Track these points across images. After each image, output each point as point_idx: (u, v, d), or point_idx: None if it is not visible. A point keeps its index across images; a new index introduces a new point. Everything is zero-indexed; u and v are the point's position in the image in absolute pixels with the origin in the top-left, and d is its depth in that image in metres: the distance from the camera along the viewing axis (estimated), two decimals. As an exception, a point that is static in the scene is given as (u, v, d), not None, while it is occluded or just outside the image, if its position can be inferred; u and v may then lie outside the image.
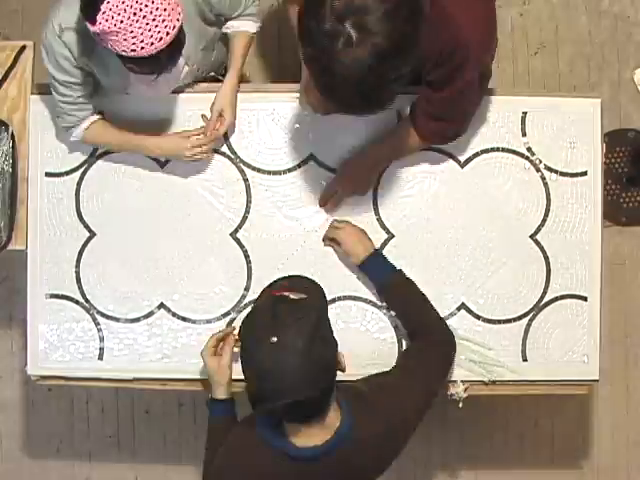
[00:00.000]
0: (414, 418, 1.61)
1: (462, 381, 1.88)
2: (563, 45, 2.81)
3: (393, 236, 1.91)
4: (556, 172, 1.91)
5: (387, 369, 1.72)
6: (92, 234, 1.93)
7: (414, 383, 1.62)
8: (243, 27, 1.84)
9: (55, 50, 1.63)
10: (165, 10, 1.42)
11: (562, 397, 2.05)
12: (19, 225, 1.95)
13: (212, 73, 1.95)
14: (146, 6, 1.41)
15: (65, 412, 2.79)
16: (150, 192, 1.92)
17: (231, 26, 1.84)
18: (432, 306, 1.79)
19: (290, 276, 1.67)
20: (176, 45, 1.49)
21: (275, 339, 1.33)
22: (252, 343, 1.37)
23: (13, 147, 1.94)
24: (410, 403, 1.60)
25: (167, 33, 1.44)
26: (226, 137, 1.91)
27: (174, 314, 1.92)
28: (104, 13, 1.40)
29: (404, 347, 1.89)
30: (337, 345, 1.44)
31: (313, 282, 1.58)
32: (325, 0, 1.27)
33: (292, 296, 1.44)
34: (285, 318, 1.36)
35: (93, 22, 1.42)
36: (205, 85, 1.91)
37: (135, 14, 1.40)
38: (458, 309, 1.90)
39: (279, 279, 1.63)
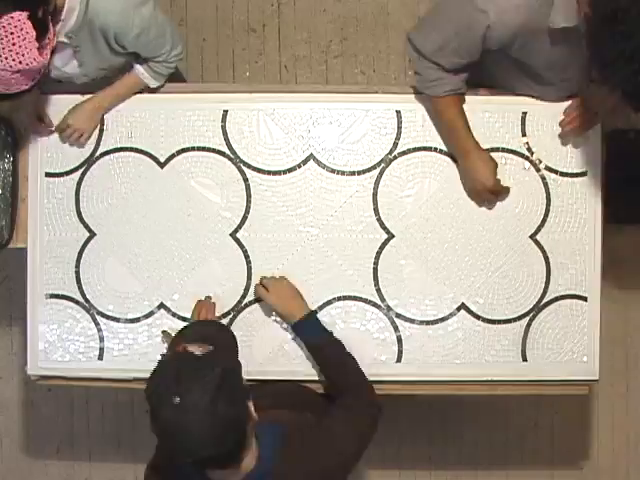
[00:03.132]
0: (349, 465, 1.58)
1: (461, 381, 1.89)
2: (563, 45, 2.81)
3: (393, 236, 1.91)
4: (556, 172, 1.91)
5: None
6: (92, 234, 1.93)
7: (347, 433, 1.58)
8: (142, 75, 1.84)
9: None
10: (12, 79, 1.46)
11: (562, 397, 2.05)
12: (20, 223, 1.95)
13: None
14: None
15: (65, 412, 2.79)
16: (150, 192, 1.92)
17: (137, 66, 1.83)
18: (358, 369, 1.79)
19: (199, 323, 1.70)
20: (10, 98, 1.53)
21: (178, 400, 1.28)
22: (156, 402, 1.31)
23: (14, 146, 1.94)
24: (347, 449, 1.56)
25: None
26: (226, 137, 1.92)
27: (174, 314, 1.92)
28: None
29: (404, 347, 1.89)
30: (248, 394, 1.39)
31: (222, 327, 1.58)
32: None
33: (196, 352, 1.38)
34: (188, 378, 1.31)
35: None
36: (210, 85, 1.91)
37: None
38: (458, 309, 1.90)
39: (187, 327, 1.64)
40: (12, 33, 1.42)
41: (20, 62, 1.44)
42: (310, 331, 1.82)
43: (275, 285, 1.86)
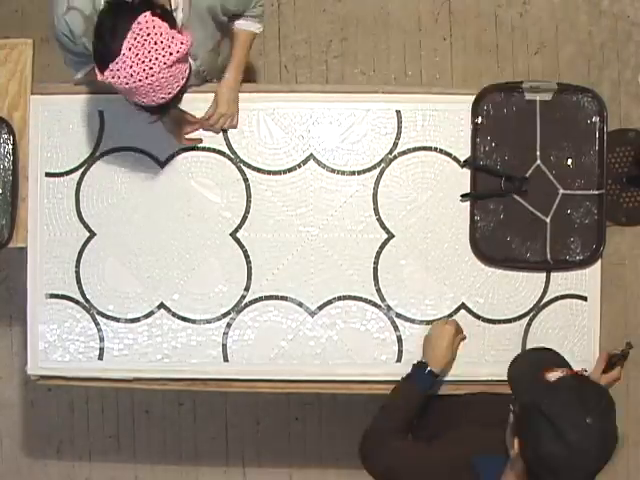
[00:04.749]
0: None
1: (461, 381, 1.88)
2: (563, 45, 2.81)
3: (393, 236, 1.91)
4: (556, 172, 1.92)
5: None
6: (92, 234, 1.93)
7: None
8: (247, 27, 1.86)
9: (57, 27, 1.66)
10: (170, 77, 1.46)
11: (562, 397, 2.05)
12: (20, 223, 1.95)
13: (215, 80, 1.96)
14: (152, 75, 1.43)
15: (65, 412, 2.79)
16: (150, 192, 1.92)
17: (237, 24, 1.85)
18: None
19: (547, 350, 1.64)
20: (174, 102, 1.54)
21: (590, 421, 1.36)
22: (566, 423, 1.36)
23: (14, 144, 1.94)
24: None
25: (165, 98, 1.49)
26: (226, 137, 1.92)
27: (174, 314, 1.92)
28: (112, 71, 1.43)
29: (404, 347, 1.89)
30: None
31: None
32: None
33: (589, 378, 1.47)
34: (596, 401, 1.40)
35: (101, 72, 1.46)
36: (212, 85, 1.91)
37: (140, 81, 1.43)
38: (458, 309, 1.90)
39: (543, 351, 1.60)
40: (149, 34, 1.42)
41: (171, 53, 1.44)
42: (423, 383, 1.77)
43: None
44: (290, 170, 1.92)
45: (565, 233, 1.89)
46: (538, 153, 1.89)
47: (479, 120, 1.88)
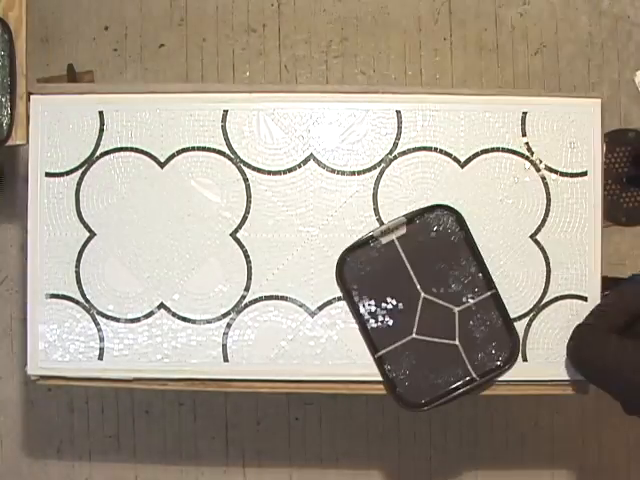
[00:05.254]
0: None
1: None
2: (563, 45, 2.81)
3: (393, 236, 1.91)
4: (556, 172, 1.91)
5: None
6: (92, 234, 1.94)
7: None
8: None
9: None
10: None
11: (562, 397, 2.05)
12: (19, 121, 1.94)
13: None
14: None
15: (65, 412, 2.79)
16: (150, 192, 1.93)
17: None
18: None
19: None
20: None
21: None
22: None
23: (10, 43, 1.93)
24: None
25: None
26: (226, 137, 1.92)
27: (174, 314, 1.92)
28: None
29: (404, 347, 1.89)
30: None
31: None
32: None
33: None
34: None
35: None
36: (210, 85, 1.91)
37: None
38: (458, 309, 1.90)
39: None
40: None
41: None
42: None
43: None
44: (290, 170, 1.92)
45: (478, 345, 1.86)
46: (418, 287, 1.86)
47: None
